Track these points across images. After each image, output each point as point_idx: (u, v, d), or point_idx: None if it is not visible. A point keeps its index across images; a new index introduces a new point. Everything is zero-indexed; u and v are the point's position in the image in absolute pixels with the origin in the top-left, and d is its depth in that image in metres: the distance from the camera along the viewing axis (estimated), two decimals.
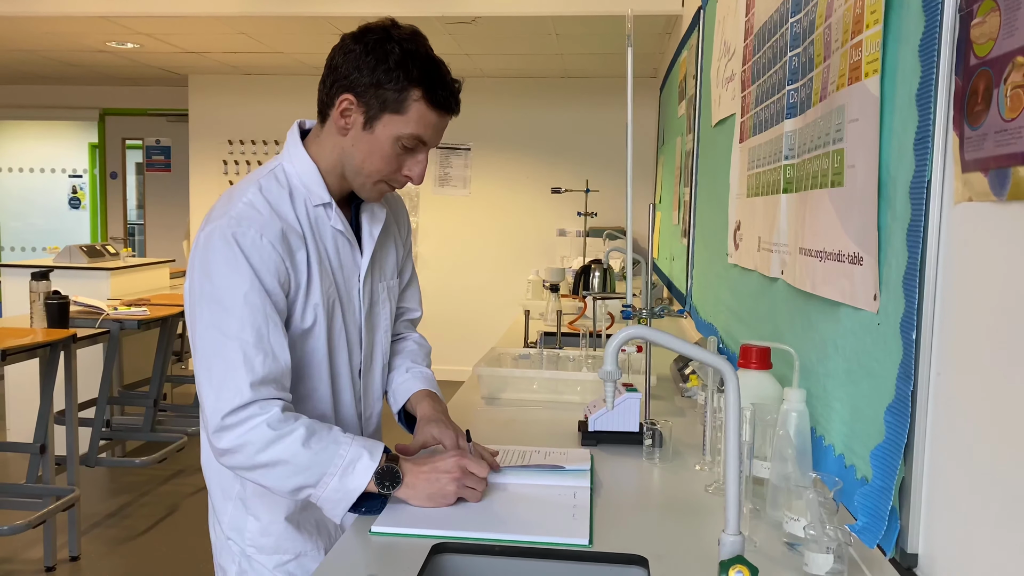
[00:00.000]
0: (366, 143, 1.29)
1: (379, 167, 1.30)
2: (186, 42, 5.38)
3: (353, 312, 1.41)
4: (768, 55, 1.79)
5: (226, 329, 1.20)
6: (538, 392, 1.95)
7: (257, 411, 1.19)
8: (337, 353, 1.38)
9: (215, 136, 6.79)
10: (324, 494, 1.20)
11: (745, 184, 2.02)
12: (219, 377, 1.20)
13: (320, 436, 1.21)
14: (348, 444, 1.22)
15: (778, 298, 1.64)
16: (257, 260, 1.23)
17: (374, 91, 1.25)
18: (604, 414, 1.56)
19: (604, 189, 5.92)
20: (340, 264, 1.37)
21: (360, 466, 1.20)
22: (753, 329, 1.86)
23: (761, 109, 1.84)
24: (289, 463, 1.18)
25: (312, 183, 1.33)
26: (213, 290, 1.22)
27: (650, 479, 1.42)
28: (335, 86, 1.29)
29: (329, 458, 1.20)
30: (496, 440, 1.59)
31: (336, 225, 1.35)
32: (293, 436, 1.18)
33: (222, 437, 1.19)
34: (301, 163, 1.34)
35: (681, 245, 3.72)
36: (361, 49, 1.26)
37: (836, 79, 1.23)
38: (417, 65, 1.25)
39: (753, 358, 1.41)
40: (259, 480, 1.22)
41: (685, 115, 3.75)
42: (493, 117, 6.50)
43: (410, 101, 1.25)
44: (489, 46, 5.19)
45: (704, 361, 0.91)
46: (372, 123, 1.27)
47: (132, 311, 3.45)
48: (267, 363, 1.21)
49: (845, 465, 1.14)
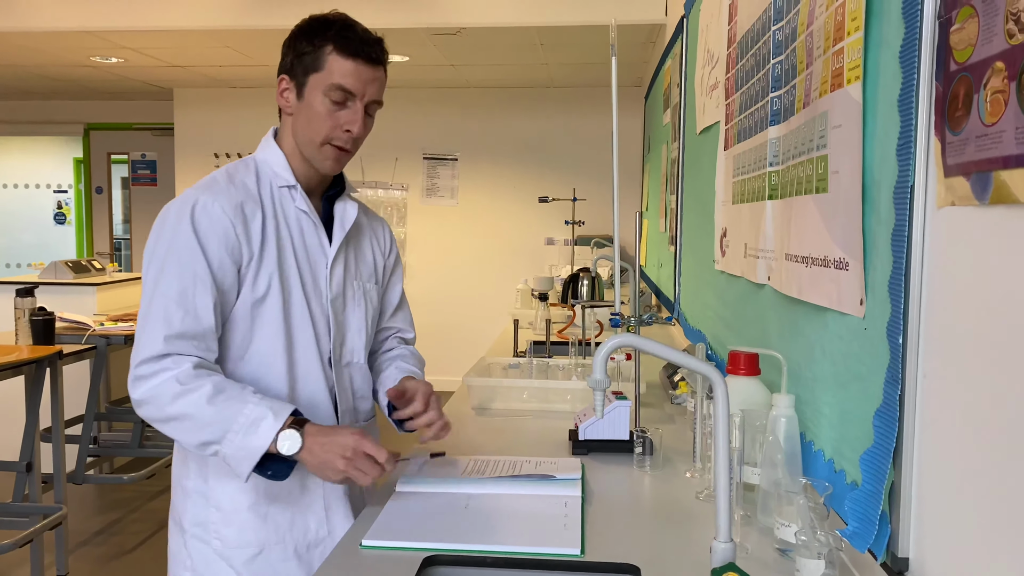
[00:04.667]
0: (304, 110, 1.38)
1: (317, 127, 1.37)
2: (171, 56, 5.37)
3: (319, 296, 1.43)
4: (751, 63, 1.80)
5: (157, 286, 1.28)
6: (528, 401, 1.95)
7: (170, 365, 1.25)
8: (297, 331, 1.39)
9: (201, 150, 6.76)
10: (228, 450, 1.23)
11: (731, 191, 2.03)
12: (141, 328, 1.28)
13: (228, 394, 1.25)
14: (255, 404, 1.24)
15: (765, 304, 1.65)
16: (204, 224, 1.29)
17: (298, 61, 1.38)
18: (594, 423, 1.56)
19: (591, 197, 5.94)
20: (305, 245, 1.42)
21: (264, 425, 1.23)
22: (741, 335, 1.86)
23: (745, 116, 1.85)
24: (194, 418, 1.23)
25: (277, 166, 1.42)
26: (155, 250, 1.30)
27: (641, 487, 1.41)
28: (278, 76, 1.43)
29: (233, 415, 1.23)
30: (486, 450, 1.59)
31: (300, 206, 1.41)
32: (200, 392, 1.23)
33: (135, 387, 1.26)
34: (268, 151, 1.44)
35: (668, 252, 3.73)
36: (290, 38, 1.42)
37: (819, 86, 1.24)
38: (328, 27, 1.37)
39: (741, 364, 1.42)
40: (170, 433, 1.27)
41: (670, 123, 3.77)
42: (479, 127, 6.51)
43: (324, 55, 1.35)
44: (474, 57, 5.20)
45: (691, 368, 0.91)
46: (302, 90, 1.38)
47: (119, 326, 3.42)
48: (186, 320, 1.26)
49: (835, 470, 1.15)
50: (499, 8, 4.34)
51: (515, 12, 4.33)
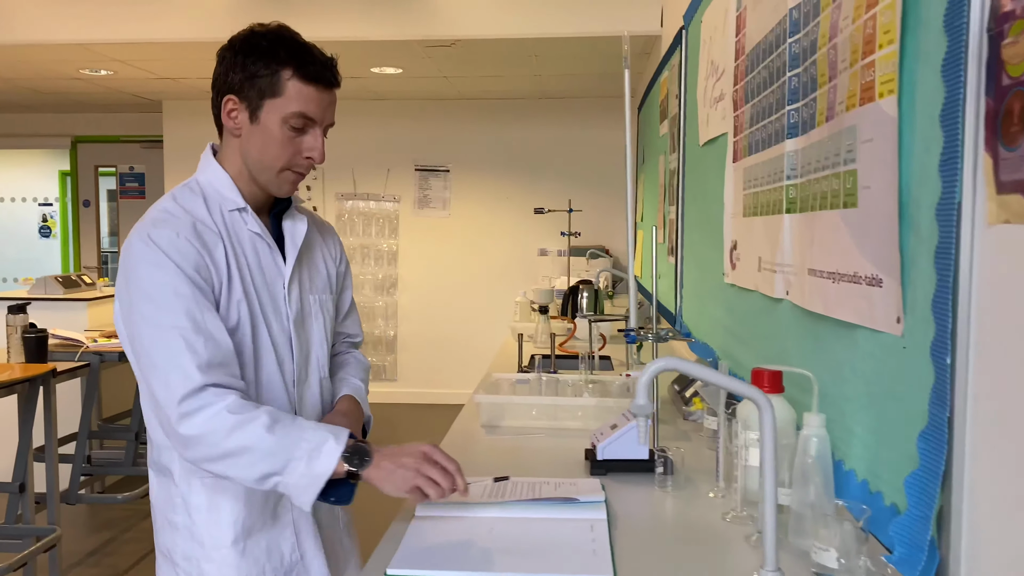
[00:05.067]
0: (258, 135, 1.33)
1: (276, 154, 1.34)
2: (162, 68, 5.32)
3: (280, 319, 1.40)
4: (763, 75, 1.78)
5: (161, 322, 1.22)
6: (538, 419, 1.92)
7: (213, 398, 1.19)
8: (262, 357, 1.37)
9: (191, 162, 6.63)
10: (291, 480, 1.19)
11: (741, 203, 2.01)
12: (164, 367, 1.21)
13: (284, 422, 1.21)
14: (314, 429, 1.21)
15: (783, 319, 1.62)
16: (177, 256, 1.25)
17: (250, 83, 1.31)
18: (613, 442, 1.53)
19: (584, 208, 5.93)
20: (261, 268, 1.38)
21: (326, 449, 1.19)
22: (756, 350, 1.84)
23: (757, 129, 1.84)
24: (254, 449, 1.18)
25: (224, 189, 1.37)
26: (140, 292, 1.24)
27: (665, 509, 1.38)
28: (219, 94, 1.36)
29: (294, 443, 1.19)
30: (501, 471, 1.56)
31: (253, 228, 1.38)
32: (257, 422, 1.18)
33: (185, 424, 1.19)
34: (211, 172, 1.38)
35: (668, 264, 3.71)
36: (231, 53, 1.34)
37: (845, 99, 1.22)
38: (284, 47, 1.31)
39: (766, 382, 1.39)
40: (225, 470, 1.21)
41: (668, 134, 3.76)
42: (471, 138, 6.50)
43: (283, 81, 1.30)
44: (468, 69, 5.19)
45: (742, 394, 0.88)
46: (256, 113, 1.32)
47: (112, 343, 3.37)
48: (209, 346, 1.22)
49: (871, 491, 1.12)
50: (495, 20, 4.32)
51: (511, 24, 4.32)
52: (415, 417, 6.06)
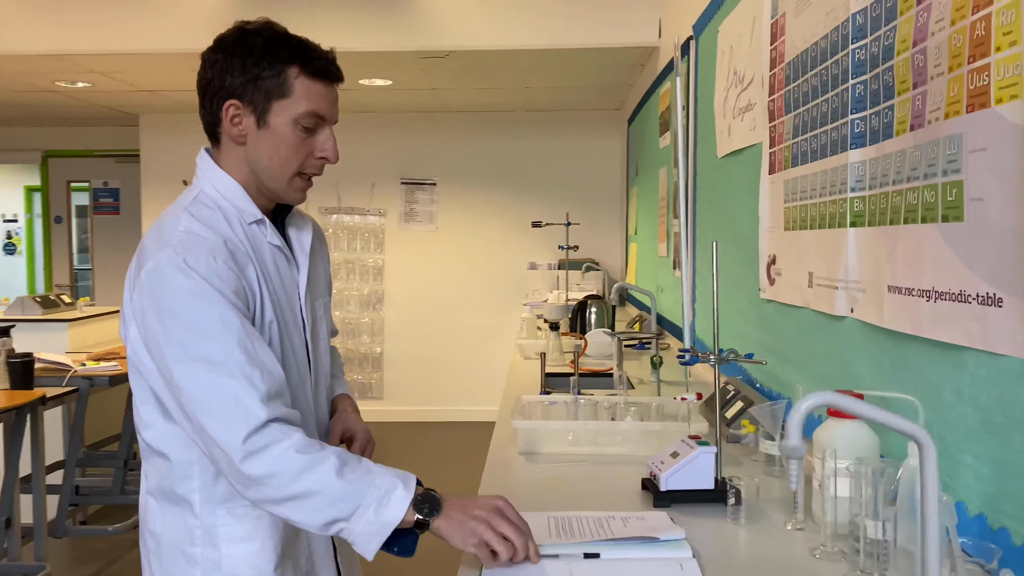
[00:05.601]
0: (267, 140, 1.25)
1: (288, 158, 1.26)
2: (141, 80, 5.16)
3: (299, 331, 1.35)
4: (813, 83, 1.72)
5: (211, 357, 1.13)
6: (577, 444, 1.82)
7: (279, 435, 1.12)
8: (289, 373, 1.29)
9: (169, 177, 6.52)
10: (358, 527, 1.11)
11: (782, 217, 1.94)
12: (221, 408, 1.12)
13: (352, 465, 1.13)
14: (383, 474, 1.13)
15: (848, 338, 1.55)
16: (219, 282, 1.16)
17: (253, 86, 1.23)
18: (677, 471, 1.44)
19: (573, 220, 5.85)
20: (281, 282, 1.31)
21: (395, 496, 1.11)
22: (808, 370, 1.76)
23: (805, 139, 1.77)
24: (323, 494, 1.10)
25: (239, 201, 1.27)
26: (181, 325, 1.14)
27: (745, 544, 1.29)
28: (215, 100, 1.25)
29: (364, 488, 1.11)
30: (553, 504, 1.46)
31: (273, 241, 1.30)
32: (326, 465, 1.11)
33: (250, 464, 1.10)
34: (222, 183, 1.28)
35: (673, 278, 3.64)
36: (224, 55, 1.24)
37: (943, 106, 1.15)
38: (284, 45, 1.25)
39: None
40: (288, 513, 1.13)
41: (671, 146, 3.70)
42: (458, 151, 6.40)
43: (291, 80, 1.23)
44: (460, 80, 5.10)
45: (905, 433, 0.80)
46: (264, 117, 1.24)
47: (102, 366, 3.20)
48: (266, 378, 1.14)
49: (991, 528, 1.04)
50: (490, 31, 4.24)
51: (506, 35, 4.25)
52: (403, 436, 5.91)
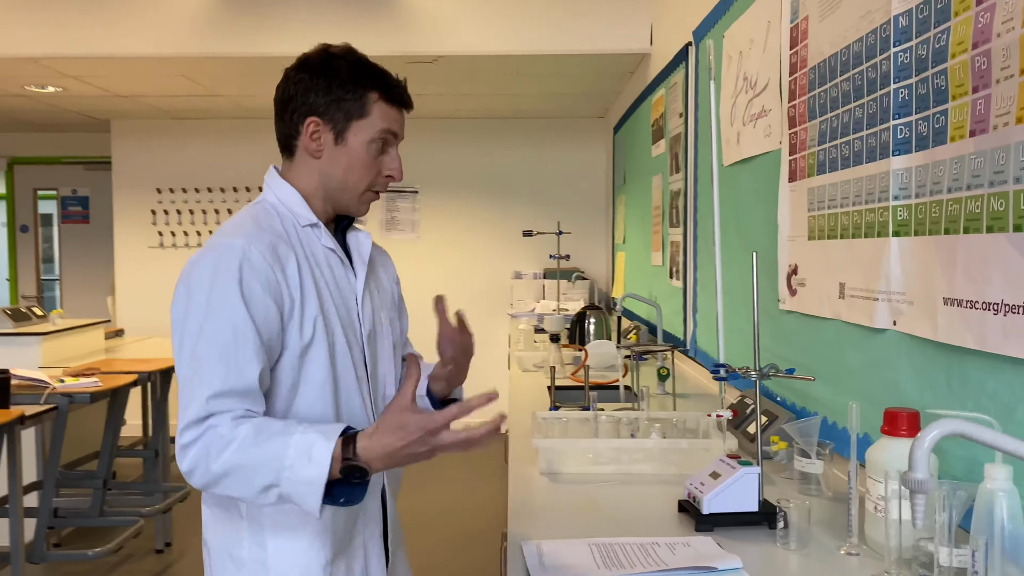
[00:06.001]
0: (343, 156, 1.34)
1: (361, 174, 1.35)
2: (116, 85, 5.00)
3: (355, 333, 1.38)
4: (844, 88, 1.66)
5: (197, 346, 1.20)
6: (600, 463, 1.74)
7: (214, 422, 1.17)
8: (342, 376, 1.33)
9: (142, 184, 6.35)
10: (291, 488, 1.13)
11: (805, 225, 1.89)
12: (185, 395, 1.20)
13: (271, 430, 1.16)
14: (301, 433, 1.15)
15: (889, 351, 1.49)
16: (247, 270, 1.22)
17: (336, 106, 1.32)
18: (720, 493, 1.37)
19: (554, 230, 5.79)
20: (336, 283, 1.36)
21: (316, 451, 1.13)
22: (839, 384, 1.70)
23: (834, 146, 1.72)
24: (244, 466, 1.14)
25: (296, 206, 1.36)
26: (190, 307, 1.22)
27: (801, 571, 1.23)
28: (295, 114, 1.34)
29: (281, 449, 1.13)
30: (588, 529, 1.39)
31: (327, 244, 1.37)
32: (241, 439, 1.15)
33: (182, 456, 1.17)
34: (282, 191, 1.37)
35: (670, 287, 3.59)
36: (309, 75, 1.33)
37: (1014, 110, 1.10)
38: (366, 72, 1.34)
39: (903, 425, 1.25)
40: (226, 491, 1.18)
41: (667, 154, 3.65)
42: (441, 159, 6.31)
43: (370, 104, 1.33)
44: (445, 86, 5.02)
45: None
46: (343, 135, 1.33)
47: (81, 382, 3.05)
48: (228, 378, 1.18)
49: None
50: (479, 37, 4.17)
51: (495, 41, 4.18)
52: None
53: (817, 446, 1.58)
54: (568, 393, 2.65)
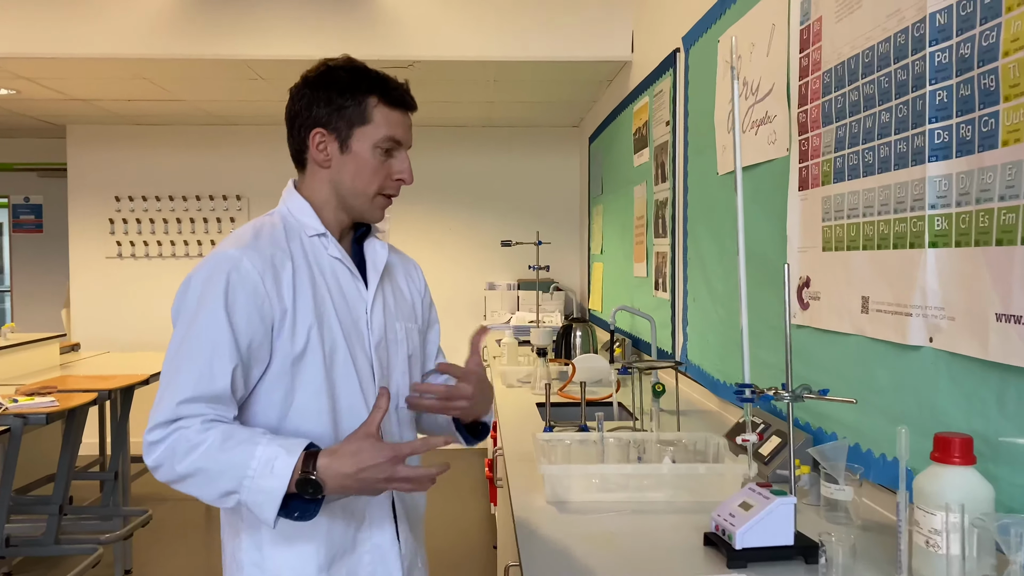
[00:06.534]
0: (350, 163, 1.36)
1: (370, 179, 1.37)
2: (73, 87, 4.77)
3: (362, 343, 1.38)
4: (867, 91, 1.58)
5: (178, 352, 1.24)
6: (608, 490, 1.62)
7: (182, 425, 1.20)
8: (340, 383, 1.34)
9: (100, 192, 6.09)
10: (250, 497, 1.17)
11: (819, 236, 1.80)
12: (158, 396, 1.23)
13: (238, 438, 1.19)
14: (266, 445, 1.18)
15: (925, 369, 1.40)
16: (234, 281, 1.25)
17: (338, 115, 1.35)
18: (755, 526, 1.26)
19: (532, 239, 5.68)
20: (342, 292, 1.37)
21: (278, 465, 1.16)
22: (868, 405, 1.60)
23: (855, 152, 1.63)
24: (207, 470, 1.18)
25: (304, 216, 1.38)
26: (180, 314, 1.27)
27: None
28: (302, 129, 1.38)
29: (245, 459, 1.17)
30: (611, 569, 1.27)
31: (333, 253, 1.38)
32: (208, 443, 1.18)
33: (148, 453, 1.21)
34: (293, 203, 1.40)
35: (655, 299, 3.50)
36: (311, 89, 1.37)
37: None
38: (365, 78, 1.37)
39: (956, 452, 1.16)
40: (187, 490, 1.21)
41: (651, 163, 3.57)
42: (413, 166, 6.15)
43: (371, 109, 1.35)
44: (421, 92, 4.83)
45: None
46: (347, 143, 1.36)
47: (36, 402, 2.84)
48: (200, 384, 1.22)
49: None
50: (456, 41, 4.05)
51: (473, 46, 4.06)
52: None
53: (845, 471, 1.48)
54: (561, 411, 2.53)
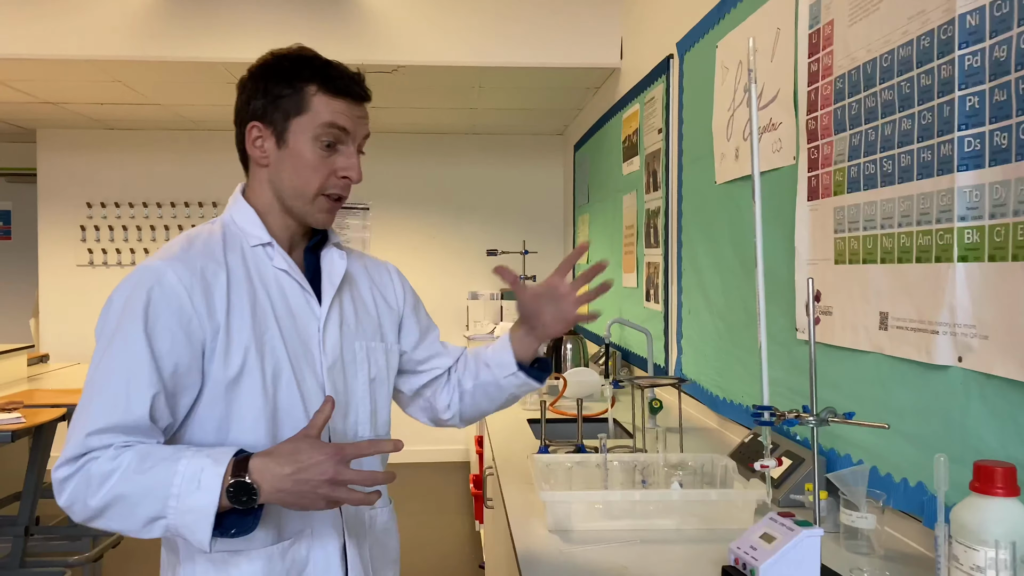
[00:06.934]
0: (288, 159, 1.23)
1: (309, 176, 1.22)
2: (44, 90, 4.62)
3: (312, 365, 1.24)
4: (884, 97, 1.50)
5: (93, 377, 1.12)
6: (612, 517, 1.53)
7: (94, 455, 1.07)
8: (284, 410, 1.20)
9: (71, 198, 5.92)
10: (179, 520, 1.04)
11: (830, 248, 1.72)
12: (71, 425, 1.11)
13: (156, 457, 1.06)
14: (189, 458, 1.05)
15: (954, 391, 1.32)
16: (156, 298, 1.12)
17: (274, 106, 1.22)
18: (779, 560, 1.17)
19: (515, 248, 5.61)
20: (290, 310, 1.24)
21: (206, 478, 1.04)
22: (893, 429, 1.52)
23: (871, 160, 1.55)
24: (126, 496, 1.05)
25: (247, 224, 1.26)
26: (101, 333, 1.14)
27: None
28: (241, 124, 1.27)
29: (167, 477, 1.04)
30: None
31: (279, 265, 1.25)
32: (123, 468, 1.05)
33: (58, 492, 1.07)
34: (237, 210, 1.28)
35: (647, 310, 3.42)
36: (251, 81, 1.25)
37: None
38: (306, 65, 1.23)
39: (999, 482, 1.07)
40: (108, 525, 1.08)
41: (642, 171, 3.49)
42: (393, 175, 6.07)
43: (308, 97, 1.22)
44: (402, 99, 4.78)
45: None
46: (283, 136, 1.23)
47: (1, 418, 2.70)
48: (114, 414, 1.08)
49: None
50: (441, 47, 3.96)
51: (458, 52, 3.97)
52: None
53: (866, 498, 1.40)
54: (553, 427, 2.44)
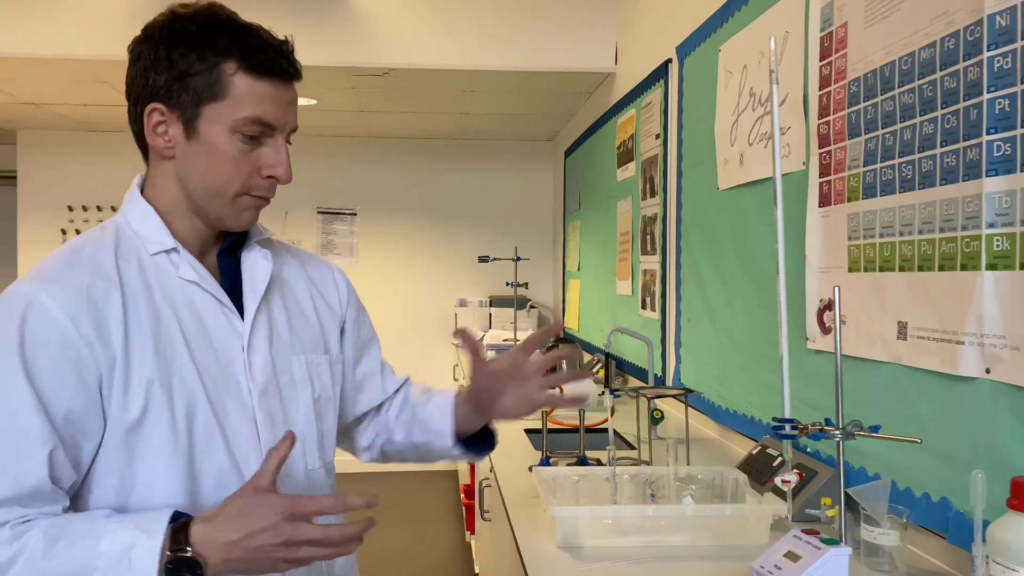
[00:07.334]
0: (199, 153, 1.02)
1: (228, 175, 1.02)
2: (26, 91, 4.52)
3: (238, 394, 1.04)
4: (903, 100, 1.46)
5: None
6: (622, 533, 1.47)
7: None
8: (204, 453, 1.01)
9: (52, 201, 5.80)
10: None
11: (844, 256, 1.68)
12: None
13: (69, 535, 0.88)
14: (113, 532, 0.88)
15: (981, 404, 1.27)
16: (32, 331, 0.92)
17: (180, 85, 0.99)
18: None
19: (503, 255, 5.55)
20: (204, 330, 1.03)
21: (136, 555, 0.86)
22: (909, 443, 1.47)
23: (889, 166, 1.51)
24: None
25: (147, 229, 1.04)
26: None
27: None
28: (137, 103, 1.03)
29: (88, 559, 0.86)
30: None
31: (186, 275, 1.04)
32: (26, 553, 0.86)
33: None
34: (134, 210, 1.06)
35: (643, 318, 3.37)
36: (148, 47, 1.01)
37: None
38: (221, 34, 0.99)
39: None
40: None
41: (638, 177, 3.45)
42: (381, 180, 6.00)
43: (226, 78, 0.99)
44: (392, 102, 4.72)
45: None
46: (193, 124, 1.00)
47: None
48: (5, 483, 0.89)
49: None
50: (433, 50, 3.90)
51: (450, 55, 3.92)
52: None
53: (888, 514, 1.35)
54: (553, 438, 2.38)
